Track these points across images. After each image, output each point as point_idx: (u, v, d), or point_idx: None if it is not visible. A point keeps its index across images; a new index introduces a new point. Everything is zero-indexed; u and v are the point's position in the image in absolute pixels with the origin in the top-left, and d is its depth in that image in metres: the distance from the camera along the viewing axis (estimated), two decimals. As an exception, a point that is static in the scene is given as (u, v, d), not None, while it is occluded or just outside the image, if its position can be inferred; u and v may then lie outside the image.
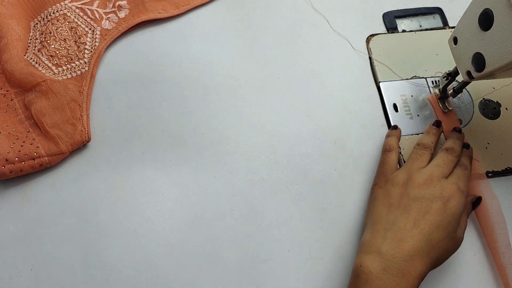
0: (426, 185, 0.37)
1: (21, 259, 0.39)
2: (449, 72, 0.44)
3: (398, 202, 0.37)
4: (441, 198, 0.36)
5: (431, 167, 0.39)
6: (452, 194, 0.37)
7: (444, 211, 0.36)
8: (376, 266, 0.33)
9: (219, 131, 0.45)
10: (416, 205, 0.36)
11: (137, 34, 0.49)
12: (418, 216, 0.35)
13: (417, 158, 0.40)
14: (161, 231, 0.40)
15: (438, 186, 0.37)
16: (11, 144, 0.41)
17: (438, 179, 0.37)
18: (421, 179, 0.38)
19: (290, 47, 0.50)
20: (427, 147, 0.41)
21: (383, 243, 0.34)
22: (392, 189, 0.38)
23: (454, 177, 0.38)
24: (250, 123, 0.46)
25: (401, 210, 0.36)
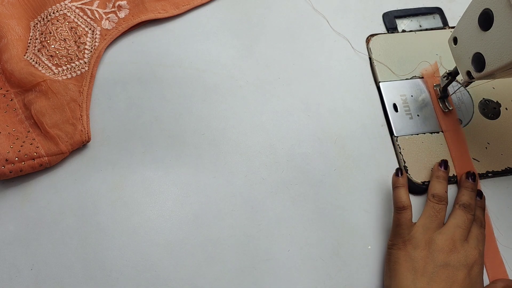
0: (450, 251, 0.36)
1: (21, 259, 0.39)
2: (449, 72, 0.44)
3: (423, 268, 0.36)
4: (466, 266, 0.36)
5: (452, 229, 0.38)
6: (475, 261, 0.36)
7: (469, 280, 0.35)
8: None
9: (219, 131, 0.45)
10: (443, 274, 0.35)
11: (137, 34, 0.49)
12: (446, 286, 0.35)
13: (435, 216, 0.39)
14: (161, 231, 0.40)
15: (462, 252, 0.36)
16: (11, 144, 0.41)
17: (461, 244, 0.37)
18: (445, 242, 0.37)
19: (290, 47, 0.50)
20: (443, 200, 0.40)
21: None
22: (414, 252, 0.37)
23: (474, 240, 0.38)
24: (250, 123, 0.46)
25: (427, 278, 0.35)
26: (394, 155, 0.45)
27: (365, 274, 0.40)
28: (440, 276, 0.35)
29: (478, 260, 0.37)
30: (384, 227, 0.42)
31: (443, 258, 0.36)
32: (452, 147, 0.44)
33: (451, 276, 0.35)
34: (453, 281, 0.35)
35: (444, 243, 0.36)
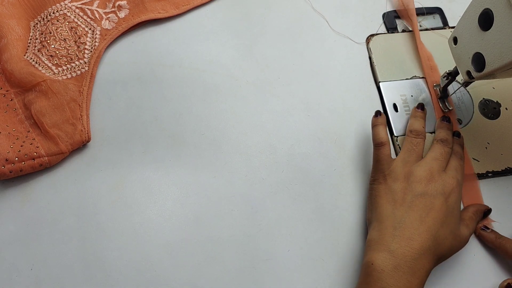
0: (428, 181, 0.38)
1: (21, 259, 0.39)
2: (449, 72, 0.44)
3: (402, 199, 0.37)
4: (443, 194, 0.37)
5: (430, 161, 0.39)
6: (452, 189, 0.38)
7: (446, 207, 0.37)
8: (387, 264, 0.34)
9: (219, 131, 0.45)
10: (420, 202, 0.37)
11: (137, 34, 0.49)
12: (423, 213, 0.36)
13: (413, 150, 0.40)
14: (161, 231, 0.40)
15: (439, 181, 0.38)
16: (11, 144, 0.41)
17: (438, 174, 0.38)
18: (422, 173, 0.38)
19: (290, 47, 0.50)
20: (420, 133, 0.41)
21: (392, 241, 0.35)
22: (393, 184, 0.38)
23: (452, 170, 0.39)
24: (250, 123, 0.46)
25: (406, 207, 0.37)
26: (394, 155, 0.45)
27: (365, 274, 0.40)
28: (417, 204, 0.36)
29: (455, 189, 0.38)
30: (384, 227, 0.42)
31: (421, 188, 0.37)
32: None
33: (428, 204, 0.36)
34: (430, 208, 0.36)
35: (422, 174, 0.38)
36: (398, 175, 0.39)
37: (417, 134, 0.41)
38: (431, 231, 0.35)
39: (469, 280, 0.40)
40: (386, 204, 0.38)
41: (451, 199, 0.37)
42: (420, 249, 0.34)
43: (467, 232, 0.38)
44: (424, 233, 0.35)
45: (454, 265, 0.40)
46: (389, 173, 0.39)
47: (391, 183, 0.39)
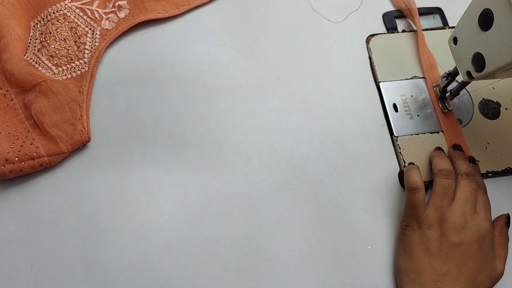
0: (462, 228, 0.37)
1: (21, 259, 0.39)
2: (449, 72, 0.44)
3: (438, 249, 0.37)
4: (478, 241, 0.37)
5: (461, 204, 0.38)
6: (486, 233, 0.38)
7: (481, 253, 0.37)
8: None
9: (219, 131, 0.45)
10: (457, 252, 0.36)
11: (137, 34, 0.49)
12: (460, 263, 0.36)
13: (445, 193, 0.39)
14: (161, 231, 0.40)
15: (474, 227, 0.37)
16: (11, 144, 0.41)
17: (472, 218, 0.38)
18: (456, 220, 0.37)
19: (290, 47, 0.50)
20: (450, 173, 0.40)
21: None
22: (428, 232, 0.38)
23: (482, 210, 0.39)
24: (250, 123, 0.46)
25: (443, 258, 0.36)
26: (394, 155, 0.45)
27: (365, 274, 0.40)
28: (454, 254, 0.36)
29: (488, 231, 0.38)
30: (384, 227, 0.42)
31: (456, 237, 0.37)
32: None
33: (464, 253, 0.36)
34: (467, 257, 0.36)
35: (455, 221, 0.37)
36: (432, 222, 0.38)
37: (448, 174, 0.40)
38: (469, 279, 0.36)
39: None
40: (422, 255, 0.37)
41: (485, 243, 0.37)
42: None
43: (501, 266, 0.38)
44: (463, 283, 0.35)
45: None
46: (423, 219, 0.38)
47: (425, 230, 0.38)
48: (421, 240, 0.38)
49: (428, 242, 0.37)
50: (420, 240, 0.38)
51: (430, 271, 0.36)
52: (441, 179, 0.40)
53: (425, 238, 0.38)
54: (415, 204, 0.39)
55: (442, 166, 0.41)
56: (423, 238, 0.38)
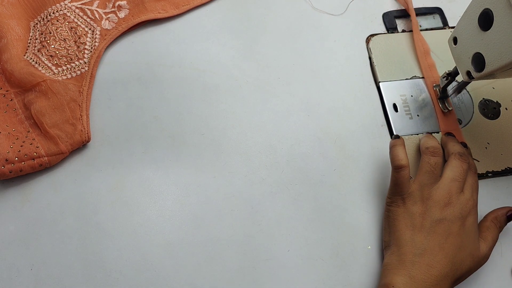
0: (446, 205, 0.37)
1: (21, 259, 0.39)
2: (449, 72, 0.44)
3: (421, 224, 0.37)
4: (461, 218, 0.37)
5: (448, 182, 0.38)
6: (469, 211, 0.38)
7: (463, 231, 0.37)
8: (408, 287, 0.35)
9: (219, 131, 0.45)
10: (439, 228, 0.37)
11: (137, 34, 0.49)
12: (442, 239, 0.36)
13: (432, 172, 0.39)
14: (161, 231, 0.40)
15: (457, 205, 0.38)
16: (11, 144, 0.41)
17: (456, 197, 0.38)
18: (441, 198, 0.38)
19: (290, 47, 0.50)
20: (437, 151, 0.41)
21: (412, 267, 0.35)
22: (412, 208, 0.38)
23: (469, 190, 0.39)
24: (250, 123, 0.46)
25: (425, 233, 0.37)
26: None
27: (365, 274, 0.40)
28: (436, 230, 0.37)
29: (472, 210, 0.38)
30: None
31: (439, 213, 0.37)
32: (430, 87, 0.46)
33: (446, 229, 0.37)
34: (449, 233, 0.37)
35: (440, 198, 0.38)
36: (416, 198, 0.38)
37: (434, 152, 0.41)
38: (449, 257, 0.36)
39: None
40: (404, 229, 0.38)
41: (468, 222, 0.38)
42: (439, 275, 0.35)
43: (485, 249, 0.38)
44: (443, 259, 0.36)
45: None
46: (407, 196, 0.39)
47: (409, 206, 0.38)
48: (405, 216, 0.38)
49: (411, 217, 0.38)
50: (404, 215, 0.38)
51: (411, 245, 0.37)
52: (427, 157, 0.40)
53: (409, 214, 0.38)
54: (400, 181, 0.39)
55: (430, 144, 0.42)
56: (407, 213, 0.38)
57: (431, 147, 0.41)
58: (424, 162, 0.40)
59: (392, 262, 0.37)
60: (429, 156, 0.40)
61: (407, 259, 0.36)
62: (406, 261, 0.36)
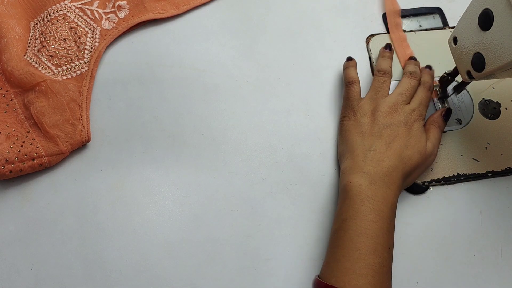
0: (392, 114, 0.41)
1: (21, 259, 0.39)
2: (449, 72, 0.44)
3: (370, 130, 0.41)
4: (406, 124, 0.41)
5: (395, 96, 0.43)
6: (415, 120, 0.42)
7: (409, 133, 0.41)
8: (364, 180, 0.38)
9: (219, 131, 0.45)
10: (386, 132, 0.40)
11: (137, 34, 0.49)
12: (389, 140, 0.40)
13: (380, 87, 0.44)
14: (160, 231, 0.40)
15: (402, 113, 0.41)
16: (11, 144, 0.41)
17: (402, 107, 0.42)
18: (387, 108, 0.42)
19: (290, 47, 0.50)
20: (387, 73, 0.45)
21: (365, 164, 0.39)
22: (361, 119, 0.42)
23: (416, 102, 0.43)
24: (250, 123, 0.46)
25: (374, 137, 0.40)
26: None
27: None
28: (383, 134, 0.40)
29: (418, 119, 0.42)
30: (384, 227, 0.42)
31: (386, 120, 0.41)
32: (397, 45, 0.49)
33: (393, 133, 0.40)
34: (395, 136, 0.40)
35: (386, 109, 0.42)
36: (366, 110, 0.42)
37: (384, 73, 0.45)
38: (397, 153, 0.39)
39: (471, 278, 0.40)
40: (355, 136, 0.41)
41: (414, 127, 0.41)
42: (389, 167, 0.39)
43: (431, 146, 0.41)
44: (391, 155, 0.39)
45: (455, 264, 0.40)
46: (357, 109, 0.43)
47: (359, 118, 0.42)
48: (356, 126, 0.42)
49: (361, 126, 0.41)
50: (355, 125, 0.42)
51: (361, 147, 0.40)
52: (378, 77, 0.45)
53: (359, 124, 0.42)
54: (351, 95, 0.44)
55: (382, 66, 0.45)
56: (357, 123, 0.42)
57: (382, 70, 0.45)
58: (374, 81, 0.45)
59: (347, 165, 0.40)
60: (379, 76, 0.45)
61: (359, 159, 0.40)
62: (359, 161, 0.39)
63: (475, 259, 0.41)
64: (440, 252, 0.41)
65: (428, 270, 0.40)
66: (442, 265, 0.40)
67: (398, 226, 0.42)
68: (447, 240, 0.41)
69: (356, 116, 0.42)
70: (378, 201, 0.37)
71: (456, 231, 0.42)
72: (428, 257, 0.41)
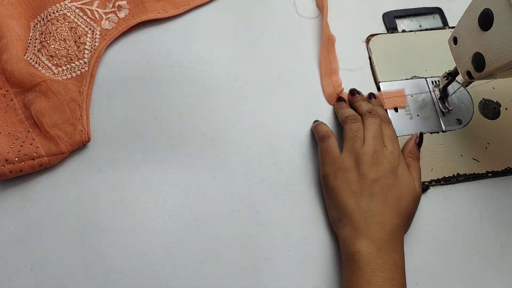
0: (376, 164, 0.39)
1: (21, 259, 0.39)
2: (449, 72, 0.44)
3: (360, 188, 0.39)
4: (392, 171, 0.40)
5: (371, 142, 0.40)
6: (397, 162, 0.40)
7: (398, 181, 0.39)
8: (372, 248, 0.36)
9: (219, 131, 0.45)
10: (377, 187, 0.39)
11: (137, 34, 0.49)
12: (383, 196, 0.38)
13: (355, 136, 0.41)
14: (161, 231, 0.40)
15: (385, 161, 0.40)
16: (11, 144, 0.41)
17: (382, 153, 0.40)
18: (369, 158, 0.40)
19: (290, 47, 0.50)
20: (356, 117, 0.43)
21: (368, 230, 0.37)
22: (348, 176, 0.39)
23: (389, 142, 0.41)
24: (250, 123, 0.46)
25: (367, 196, 0.38)
26: (394, 155, 0.45)
27: (365, 274, 0.40)
28: (376, 190, 0.39)
29: (398, 159, 0.41)
30: (384, 227, 0.42)
31: (373, 174, 0.39)
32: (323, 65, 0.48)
33: (384, 186, 0.39)
34: (387, 188, 0.39)
35: (369, 160, 0.39)
36: (348, 165, 0.40)
37: (354, 119, 0.42)
38: (394, 209, 0.38)
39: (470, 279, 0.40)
40: (348, 198, 0.39)
41: (399, 171, 0.40)
42: (392, 228, 0.37)
43: (418, 186, 0.41)
44: (390, 213, 0.38)
45: (456, 264, 0.41)
46: (340, 164, 0.40)
47: (345, 175, 0.40)
48: (344, 185, 0.39)
49: (350, 184, 0.39)
50: (343, 185, 0.39)
51: (359, 211, 0.38)
52: (349, 124, 0.42)
53: (347, 182, 0.39)
54: (329, 150, 0.41)
55: (348, 113, 0.43)
56: (345, 182, 0.39)
57: (350, 116, 0.43)
58: (347, 130, 0.42)
59: (349, 233, 0.38)
60: (350, 123, 0.42)
61: (361, 225, 0.37)
62: (361, 227, 0.37)
63: (475, 259, 0.41)
64: (440, 252, 0.41)
65: (428, 270, 0.40)
66: (442, 265, 0.40)
67: (398, 226, 0.42)
68: (447, 240, 0.42)
69: (340, 173, 0.40)
70: (390, 268, 0.35)
71: (456, 231, 0.42)
72: (428, 257, 0.41)
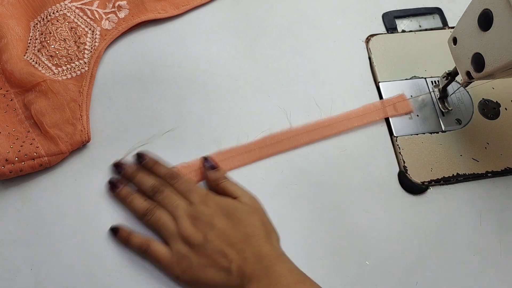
0: (203, 226, 0.37)
1: (21, 259, 0.39)
2: (449, 72, 0.44)
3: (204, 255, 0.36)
4: (216, 215, 0.38)
5: (180, 213, 0.38)
6: (213, 204, 0.39)
7: (227, 219, 0.38)
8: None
9: (219, 131, 0.45)
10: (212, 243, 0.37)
11: (137, 34, 0.49)
12: (223, 243, 0.36)
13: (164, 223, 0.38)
14: (161, 231, 0.40)
15: (204, 216, 0.38)
16: (11, 144, 0.41)
17: (196, 213, 0.38)
18: (192, 229, 0.37)
19: (290, 47, 0.50)
20: (151, 208, 0.39)
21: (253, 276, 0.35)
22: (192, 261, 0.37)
23: (191, 196, 0.39)
24: (250, 123, 0.46)
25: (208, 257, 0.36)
26: (394, 155, 0.45)
27: (365, 274, 0.40)
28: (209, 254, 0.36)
29: (212, 201, 0.39)
30: (383, 226, 0.42)
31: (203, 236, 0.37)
32: None
33: (221, 233, 0.37)
34: (227, 237, 0.37)
35: (192, 231, 0.37)
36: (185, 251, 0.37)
37: (150, 210, 0.39)
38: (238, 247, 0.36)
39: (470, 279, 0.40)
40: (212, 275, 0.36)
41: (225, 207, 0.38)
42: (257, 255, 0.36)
43: (242, 193, 0.40)
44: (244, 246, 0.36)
45: (454, 264, 0.41)
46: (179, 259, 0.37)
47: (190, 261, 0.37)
48: (200, 269, 0.36)
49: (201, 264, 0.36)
50: (198, 271, 0.36)
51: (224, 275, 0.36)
52: (150, 218, 0.39)
53: (198, 265, 0.36)
54: (159, 257, 0.38)
55: (138, 208, 0.39)
56: (198, 267, 0.36)
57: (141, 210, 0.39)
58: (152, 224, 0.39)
59: None
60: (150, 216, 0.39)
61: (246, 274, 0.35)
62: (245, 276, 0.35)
63: (475, 259, 0.41)
64: (440, 252, 0.41)
65: (428, 270, 0.40)
66: (442, 265, 0.40)
67: (398, 226, 0.42)
68: (447, 240, 0.42)
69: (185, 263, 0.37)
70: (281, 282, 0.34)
71: (456, 231, 0.42)
72: (428, 257, 0.41)
